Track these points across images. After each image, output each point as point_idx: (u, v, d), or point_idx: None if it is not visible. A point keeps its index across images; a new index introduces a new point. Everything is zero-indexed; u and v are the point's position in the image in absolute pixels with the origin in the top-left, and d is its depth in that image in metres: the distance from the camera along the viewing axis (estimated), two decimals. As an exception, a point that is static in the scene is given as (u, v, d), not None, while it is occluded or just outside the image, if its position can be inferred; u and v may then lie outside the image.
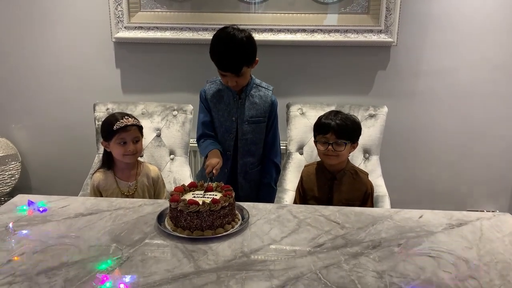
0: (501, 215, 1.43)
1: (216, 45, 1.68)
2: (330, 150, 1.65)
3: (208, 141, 1.85)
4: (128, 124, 1.71)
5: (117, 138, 1.70)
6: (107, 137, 1.72)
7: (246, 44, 1.66)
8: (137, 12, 2.41)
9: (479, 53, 2.38)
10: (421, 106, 2.49)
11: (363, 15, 2.35)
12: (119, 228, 1.29)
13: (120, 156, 1.73)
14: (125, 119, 1.72)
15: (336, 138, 1.64)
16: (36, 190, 2.79)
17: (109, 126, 1.71)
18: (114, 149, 1.73)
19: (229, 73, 1.69)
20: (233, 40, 1.64)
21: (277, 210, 1.45)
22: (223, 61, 1.67)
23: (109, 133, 1.71)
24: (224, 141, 1.87)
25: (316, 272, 1.06)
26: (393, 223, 1.35)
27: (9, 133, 2.68)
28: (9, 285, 0.99)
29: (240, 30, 1.67)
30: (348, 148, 1.68)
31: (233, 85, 1.74)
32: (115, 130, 1.69)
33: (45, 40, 2.50)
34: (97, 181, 1.76)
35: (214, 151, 1.77)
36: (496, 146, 2.53)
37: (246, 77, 1.77)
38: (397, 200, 2.10)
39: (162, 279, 1.02)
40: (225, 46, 1.65)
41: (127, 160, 1.76)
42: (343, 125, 1.65)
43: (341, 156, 1.67)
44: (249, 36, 1.68)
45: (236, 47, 1.64)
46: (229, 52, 1.65)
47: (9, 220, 1.34)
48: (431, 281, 1.03)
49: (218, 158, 1.70)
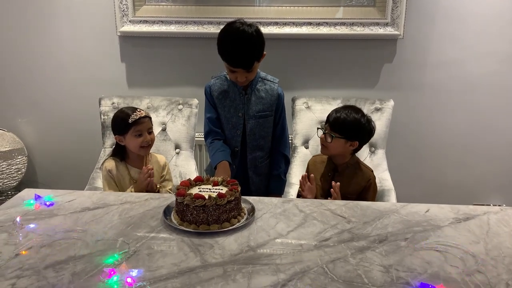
0: (509, 209, 1.42)
1: (225, 42, 1.65)
2: (322, 139, 1.72)
3: (216, 145, 1.84)
4: (141, 116, 1.77)
5: (134, 131, 1.76)
6: (122, 131, 1.77)
7: (256, 38, 1.64)
8: (142, 6, 2.40)
9: (486, 46, 2.35)
10: (428, 99, 2.47)
11: (369, 8, 2.33)
12: (126, 222, 1.29)
13: (137, 149, 1.78)
14: (138, 112, 1.78)
15: (329, 129, 1.69)
16: (42, 184, 2.81)
17: (123, 121, 1.76)
18: (131, 142, 1.78)
19: (240, 69, 1.67)
20: (243, 36, 1.62)
21: (283, 204, 1.45)
22: (234, 57, 1.65)
23: (125, 127, 1.76)
24: (232, 137, 1.87)
25: (322, 266, 1.06)
26: (399, 217, 1.35)
27: (15, 128, 2.69)
28: (17, 278, 1.00)
29: (248, 25, 1.65)
30: (341, 144, 1.68)
31: (242, 80, 1.72)
32: (131, 123, 1.74)
33: (50, 35, 2.50)
34: (109, 167, 1.80)
35: (222, 165, 1.75)
36: (504, 139, 2.51)
37: (255, 72, 1.76)
38: (403, 194, 2.10)
39: (168, 273, 1.02)
40: (235, 42, 1.63)
41: (143, 152, 1.81)
42: (340, 120, 1.67)
43: (330, 148, 1.70)
44: (258, 30, 1.66)
45: (247, 42, 1.62)
46: (240, 48, 1.62)
47: (16, 214, 1.35)
48: (438, 276, 1.03)
49: (227, 174, 1.70)
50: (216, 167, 1.76)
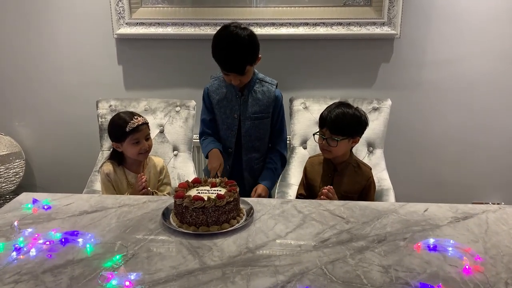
0: (507, 208, 1.42)
1: (218, 45, 1.65)
2: (324, 144, 1.67)
3: (208, 139, 1.86)
4: (139, 124, 1.74)
5: (131, 139, 1.73)
6: (120, 139, 1.75)
7: (249, 43, 1.63)
8: (139, 8, 2.40)
9: (483, 44, 2.36)
10: (425, 98, 2.47)
11: (366, 7, 2.33)
12: (124, 225, 1.29)
13: (135, 155, 1.77)
14: (135, 119, 1.74)
15: (330, 134, 1.65)
16: (40, 188, 2.80)
17: (120, 128, 1.73)
18: (128, 149, 1.76)
19: (232, 73, 1.68)
20: (236, 40, 1.61)
21: (282, 205, 1.44)
22: (226, 61, 1.65)
23: (121, 135, 1.73)
24: (226, 138, 1.87)
25: (321, 267, 1.06)
26: (398, 217, 1.35)
27: (12, 131, 2.69)
28: (15, 283, 0.99)
29: (242, 28, 1.64)
30: (345, 144, 1.66)
31: (236, 83, 1.73)
32: (128, 131, 1.72)
33: (47, 38, 2.50)
34: (107, 171, 1.78)
35: (214, 152, 1.77)
36: (501, 138, 2.51)
37: (249, 75, 1.76)
38: (401, 193, 2.10)
39: (167, 276, 1.02)
40: (228, 46, 1.63)
41: (141, 158, 1.80)
42: (338, 121, 1.63)
43: (335, 152, 1.67)
44: (252, 34, 1.65)
45: (240, 47, 1.62)
46: (233, 53, 1.62)
47: (14, 219, 1.34)
48: (437, 275, 1.03)
49: (219, 159, 1.71)
50: (208, 156, 1.77)
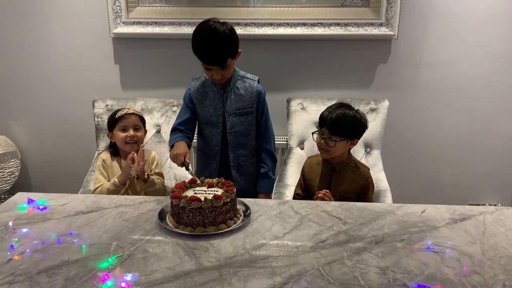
0: (504, 209, 1.42)
1: (199, 40, 1.67)
2: (322, 144, 1.67)
3: (178, 134, 1.82)
4: (128, 112, 1.89)
5: (119, 126, 1.87)
6: (111, 127, 1.89)
7: (228, 36, 1.66)
8: (136, 7, 2.39)
9: (480, 45, 2.36)
10: (423, 99, 2.48)
11: (364, 8, 2.33)
12: (120, 226, 1.28)
13: (122, 144, 1.87)
14: (126, 109, 1.91)
15: (329, 134, 1.65)
16: (36, 188, 2.78)
17: (112, 117, 1.90)
18: (117, 137, 1.87)
19: (214, 66, 1.68)
20: (216, 34, 1.64)
21: (279, 206, 1.44)
22: (207, 54, 1.67)
23: (113, 123, 1.88)
24: (212, 136, 1.87)
25: (319, 269, 1.05)
26: (395, 218, 1.34)
27: (8, 131, 2.67)
28: (10, 284, 0.98)
29: (221, 23, 1.67)
30: (343, 145, 1.66)
31: (218, 78, 1.73)
32: (117, 118, 1.87)
33: (43, 37, 2.48)
34: (104, 157, 1.91)
35: (180, 142, 1.74)
36: (499, 139, 2.51)
37: (231, 69, 1.77)
38: (399, 194, 2.10)
39: (163, 277, 1.01)
40: (208, 39, 1.65)
41: (128, 149, 1.86)
42: (338, 122, 1.64)
43: (332, 152, 1.67)
44: (231, 29, 1.68)
45: (219, 40, 1.64)
46: (213, 46, 1.64)
47: (9, 219, 1.33)
48: (435, 277, 1.02)
49: (182, 150, 1.67)
50: (173, 146, 1.72)
